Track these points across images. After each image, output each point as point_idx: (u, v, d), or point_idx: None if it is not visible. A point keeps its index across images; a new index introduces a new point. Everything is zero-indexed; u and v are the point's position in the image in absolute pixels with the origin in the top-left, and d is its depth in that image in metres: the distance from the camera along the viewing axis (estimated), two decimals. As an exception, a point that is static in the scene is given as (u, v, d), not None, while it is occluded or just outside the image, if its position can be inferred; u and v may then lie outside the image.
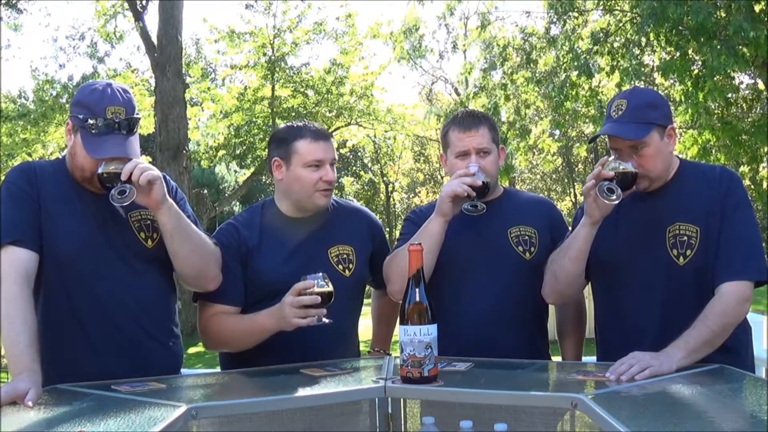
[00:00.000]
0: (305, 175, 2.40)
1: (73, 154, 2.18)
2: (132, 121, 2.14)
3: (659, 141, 2.21)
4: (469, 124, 2.49)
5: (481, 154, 2.46)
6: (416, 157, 28.49)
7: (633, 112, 2.20)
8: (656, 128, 2.20)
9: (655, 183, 2.25)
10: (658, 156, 2.21)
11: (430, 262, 2.32)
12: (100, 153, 2.09)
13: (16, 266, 2.04)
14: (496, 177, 2.54)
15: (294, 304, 2.17)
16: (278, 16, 15.11)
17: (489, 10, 13.18)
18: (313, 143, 2.41)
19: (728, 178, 2.24)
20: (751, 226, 2.20)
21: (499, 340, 2.40)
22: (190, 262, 2.26)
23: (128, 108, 2.14)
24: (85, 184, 2.20)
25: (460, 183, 2.33)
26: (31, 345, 1.94)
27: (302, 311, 2.17)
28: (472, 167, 2.38)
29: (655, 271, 2.23)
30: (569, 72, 10.67)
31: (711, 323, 2.06)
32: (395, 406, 2.06)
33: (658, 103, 2.28)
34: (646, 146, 2.18)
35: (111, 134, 2.11)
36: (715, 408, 1.77)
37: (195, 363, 10.75)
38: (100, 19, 15.07)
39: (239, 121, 15.72)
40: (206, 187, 20.30)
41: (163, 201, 2.14)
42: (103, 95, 2.13)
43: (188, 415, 1.65)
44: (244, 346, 2.38)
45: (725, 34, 8.54)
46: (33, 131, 15.38)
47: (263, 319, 2.29)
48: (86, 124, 2.11)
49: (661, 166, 2.23)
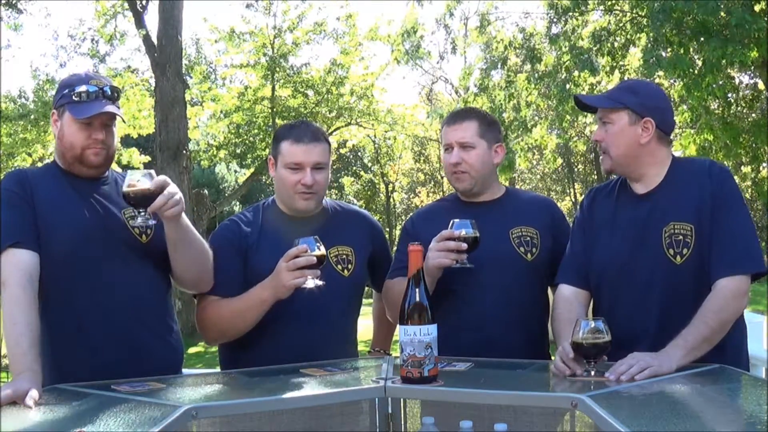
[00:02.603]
0: (286, 176, 2.42)
1: (61, 137, 2.25)
2: (114, 89, 2.26)
3: (626, 125, 2.25)
4: (455, 118, 2.54)
5: (463, 148, 2.47)
6: (416, 157, 28.48)
7: (612, 91, 2.36)
8: (626, 111, 2.25)
9: (616, 165, 2.28)
10: (621, 137, 2.25)
11: None
12: (87, 112, 2.18)
13: (19, 268, 2.06)
14: (485, 173, 2.52)
15: (290, 267, 2.19)
16: (278, 16, 15.11)
17: (489, 11, 13.19)
18: (294, 145, 2.41)
19: (717, 173, 2.24)
20: (743, 219, 2.20)
21: (499, 341, 2.40)
22: (190, 269, 2.32)
23: (109, 83, 2.28)
24: (75, 165, 2.24)
25: (447, 255, 2.27)
26: (33, 346, 1.96)
27: (298, 272, 2.19)
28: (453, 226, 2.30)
29: (652, 271, 2.23)
30: (571, 71, 10.68)
31: (709, 320, 2.06)
32: (395, 406, 2.06)
33: (641, 91, 2.31)
34: (611, 123, 2.27)
35: (96, 100, 2.21)
36: (715, 408, 1.77)
37: (195, 363, 10.76)
38: (100, 19, 15.05)
39: (239, 120, 15.72)
40: (206, 187, 20.29)
41: (178, 217, 2.18)
42: (86, 74, 2.30)
43: (188, 415, 1.65)
44: (242, 326, 2.36)
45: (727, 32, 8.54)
46: (33, 131, 15.36)
47: (258, 291, 2.31)
48: (72, 98, 2.21)
49: (622, 149, 2.26)
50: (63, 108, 2.24)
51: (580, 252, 2.38)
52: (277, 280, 2.23)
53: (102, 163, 2.25)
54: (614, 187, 2.40)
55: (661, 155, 2.29)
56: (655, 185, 2.27)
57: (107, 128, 2.25)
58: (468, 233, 2.29)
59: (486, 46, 12.75)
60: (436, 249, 2.28)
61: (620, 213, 2.31)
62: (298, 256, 2.19)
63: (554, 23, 11.31)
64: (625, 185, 2.35)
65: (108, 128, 2.26)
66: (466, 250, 2.28)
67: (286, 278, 2.21)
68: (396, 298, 2.29)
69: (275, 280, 2.24)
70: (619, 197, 2.36)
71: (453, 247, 2.27)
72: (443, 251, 2.27)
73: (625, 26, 10.89)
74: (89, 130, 2.21)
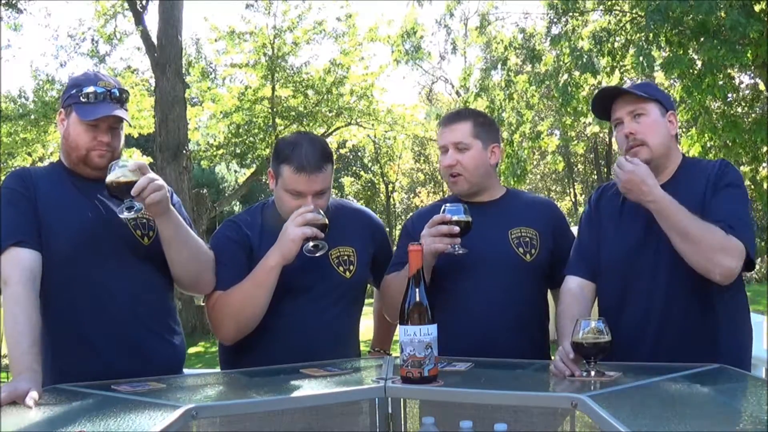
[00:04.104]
0: (286, 199, 2.39)
1: (66, 137, 2.25)
2: (122, 91, 2.26)
3: (658, 116, 2.28)
4: (450, 119, 2.54)
5: (458, 149, 2.47)
6: (416, 157, 28.48)
7: (638, 86, 2.37)
8: (657, 103, 2.29)
9: (655, 157, 2.26)
10: (656, 127, 2.27)
11: None
12: (94, 114, 2.18)
13: (21, 267, 2.06)
14: (480, 173, 2.52)
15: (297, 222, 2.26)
16: (278, 15, 15.09)
17: (489, 11, 13.18)
18: (295, 174, 2.33)
19: (723, 167, 2.27)
20: (739, 204, 2.20)
21: (499, 341, 2.40)
22: (187, 269, 2.30)
23: (118, 85, 2.27)
24: (80, 166, 2.24)
25: (440, 240, 2.27)
26: (33, 346, 1.95)
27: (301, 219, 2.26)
28: (445, 211, 2.30)
29: (656, 265, 2.23)
30: (572, 71, 10.68)
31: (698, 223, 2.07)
32: (395, 406, 2.06)
33: (660, 89, 2.41)
34: (645, 114, 2.27)
35: (103, 102, 2.21)
36: (714, 408, 1.77)
37: (195, 363, 10.75)
38: (100, 19, 15.05)
39: (239, 120, 15.71)
40: (206, 187, 20.26)
41: (166, 211, 2.17)
42: (96, 75, 2.31)
43: (188, 415, 1.65)
44: (253, 309, 2.31)
45: (724, 33, 8.56)
46: (33, 131, 15.36)
47: (263, 261, 2.31)
48: (79, 98, 2.21)
49: (659, 139, 2.27)
50: (70, 108, 2.24)
51: (587, 245, 2.39)
52: (282, 241, 2.26)
53: (106, 165, 2.23)
54: None
55: (677, 151, 2.35)
56: (664, 181, 2.27)
57: (113, 131, 2.25)
58: (460, 218, 2.29)
59: (486, 47, 12.75)
60: (429, 235, 2.28)
61: (627, 208, 2.31)
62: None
63: (554, 23, 11.31)
64: None
65: (114, 131, 2.25)
66: (459, 234, 2.27)
67: (291, 232, 2.23)
68: (393, 293, 2.31)
69: (281, 239, 2.27)
70: None
71: (445, 231, 2.26)
72: (437, 236, 2.27)
73: (625, 26, 10.89)
74: (95, 132, 2.21)
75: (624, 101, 2.31)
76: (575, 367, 1.96)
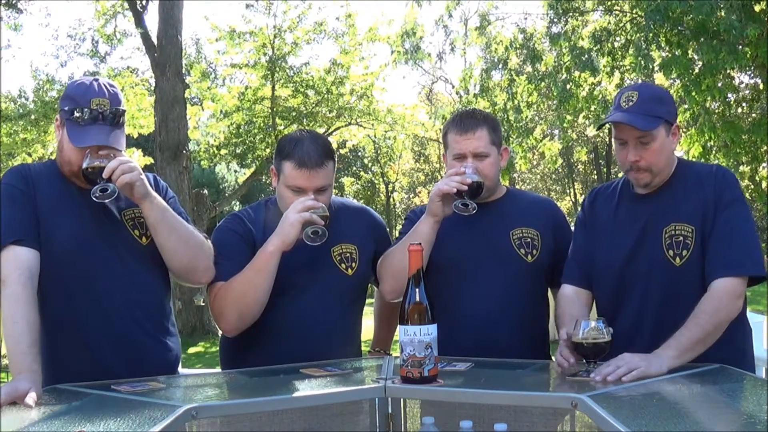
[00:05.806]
0: (287, 195, 2.39)
1: (61, 149, 2.22)
2: (116, 112, 2.18)
3: (665, 137, 2.23)
4: (466, 126, 2.47)
5: (478, 158, 2.44)
6: (416, 157, 28.49)
7: (643, 104, 2.21)
8: (663, 123, 2.22)
9: (656, 179, 2.25)
10: (663, 151, 2.22)
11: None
12: (84, 142, 2.13)
13: (19, 266, 2.05)
14: (496, 179, 2.53)
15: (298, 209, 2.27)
16: (278, 15, 15.09)
17: (489, 11, 13.18)
18: (296, 170, 2.35)
19: (722, 177, 2.24)
20: (745, 222, 2.19)
21: (500, 341, 2.40)
22: (178, 255, 2.26)
23: (113, 101, 2.19)
24: (73, 179, 2.23)
25: (448, 181, 2.33)
26: (32, 345, 1.95)
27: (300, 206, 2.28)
28: (464, 167, 2.37)
29: (651, 272, 2.23)
30: (572, 71, 10.67)
31: (703, 322, 2.05)
32: (395, 406, 2.06)
33: (666, 99, 2.31)
34: (653, 140, 2.20)
35: (95, 124, 2.15)
36: (715, 408, 1.77)
37: (195, 363, 10.76)
38: (100, 19, 15.06)
39: (239, 120, 15.71)
40: (206, 186, 20.26)
41: (146, 195, 2.16)
42: (89, 88, 2.18)
43: (188, 415, 1.65)
44: (253, 296, 2.30)
45: (724, 34, 8.56)
46: (33, 131, 15.36)
47: (263, 247, 2.30)
48: (72, 117, 2.15)
49: (665, 162, 2.24)
50: (64, 122, 2.19)
51: (581, 252, 2.38)
52: (283, 222, 2.27)
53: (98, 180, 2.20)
54: (616, 187, 2.41)
55: (674, 158, 2.31)
56: (660, 186, 2.27)
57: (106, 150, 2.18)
58: (473, 179, 2.35)
59: (486, 47, 12.73)
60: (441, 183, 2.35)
61: (621, 213, 2.31)
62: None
63: (554, 23, 11.30)
64: (628, 185, 2.35)
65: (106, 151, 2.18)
66: (469, 194, 2.33)
67: (291, 216, 2.25)
68: (394, 262, 2.38)
69: (280, 225, 2.27)
70: (621, 197, 2.36)
71: (458, 179, 2.32)
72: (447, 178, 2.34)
73: (625, 26, 10.89)
74: (88, 151, 2.16)
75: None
76: (574, 355, 1.98)
